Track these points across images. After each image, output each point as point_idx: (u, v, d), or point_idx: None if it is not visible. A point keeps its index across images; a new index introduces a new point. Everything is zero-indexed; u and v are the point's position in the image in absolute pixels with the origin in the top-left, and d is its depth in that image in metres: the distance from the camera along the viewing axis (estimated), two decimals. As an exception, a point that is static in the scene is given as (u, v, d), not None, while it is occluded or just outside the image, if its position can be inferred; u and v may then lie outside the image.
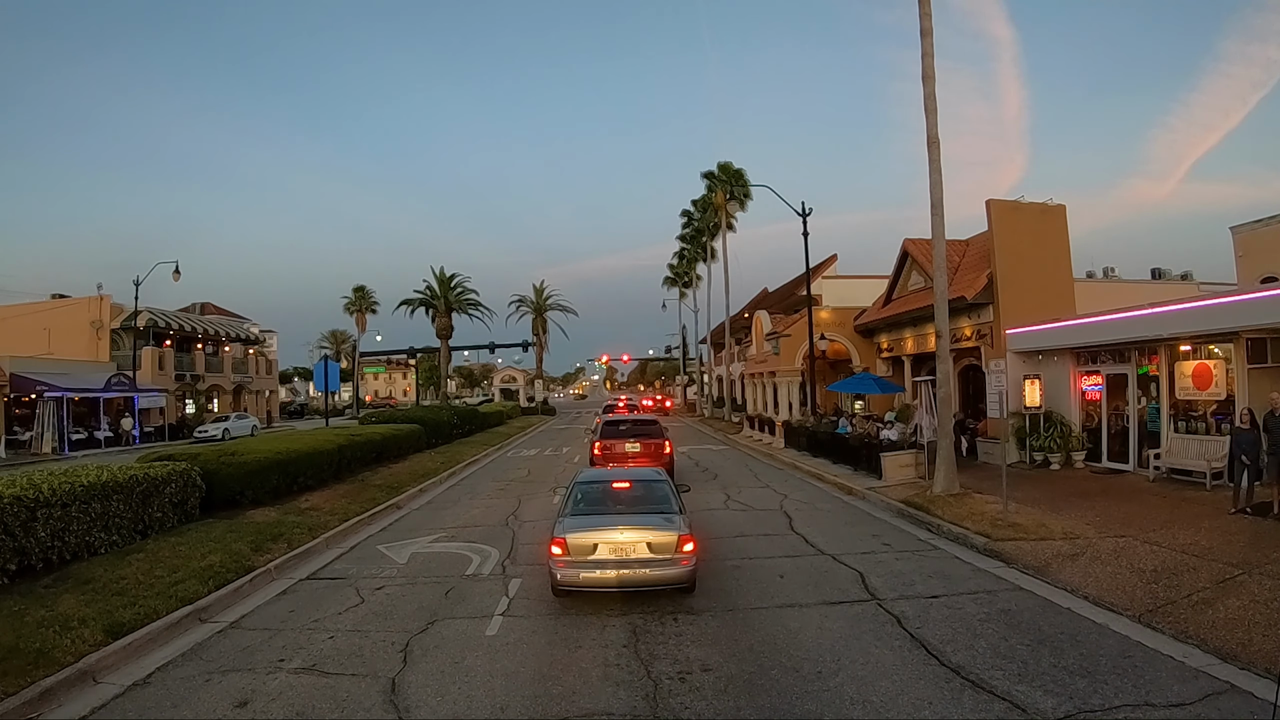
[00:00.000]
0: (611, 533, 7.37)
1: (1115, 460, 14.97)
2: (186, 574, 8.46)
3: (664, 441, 16.13)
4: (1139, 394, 14.59)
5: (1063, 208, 18.14)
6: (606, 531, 7.39)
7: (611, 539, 7.31)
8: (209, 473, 12.22)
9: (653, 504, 8.14)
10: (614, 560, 7.25)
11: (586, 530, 7.43)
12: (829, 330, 24.60)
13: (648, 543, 7.31)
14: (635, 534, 7.36)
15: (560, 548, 7.32)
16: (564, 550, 7.30)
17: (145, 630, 6.84)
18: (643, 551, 7.28)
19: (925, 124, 12.92)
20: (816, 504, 13.32)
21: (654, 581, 7.30)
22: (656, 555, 7.27)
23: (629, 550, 7.28)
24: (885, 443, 15.54)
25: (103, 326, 38.68)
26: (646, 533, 7.38)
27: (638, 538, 7.33)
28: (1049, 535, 9.65)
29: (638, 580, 7.26)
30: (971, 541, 9.71)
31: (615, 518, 7.72)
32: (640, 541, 7.31)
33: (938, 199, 12.65)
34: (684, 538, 7.38)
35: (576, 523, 7.67)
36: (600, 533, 7.37)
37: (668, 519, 7.74)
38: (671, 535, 7.38)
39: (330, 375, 25.59)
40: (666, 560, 7.28)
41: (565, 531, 7.46)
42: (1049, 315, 16.21)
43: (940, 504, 11.63)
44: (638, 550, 7.28)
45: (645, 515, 7.78)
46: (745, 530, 11.05)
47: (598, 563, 7.24)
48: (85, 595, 7.56)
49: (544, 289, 59.71)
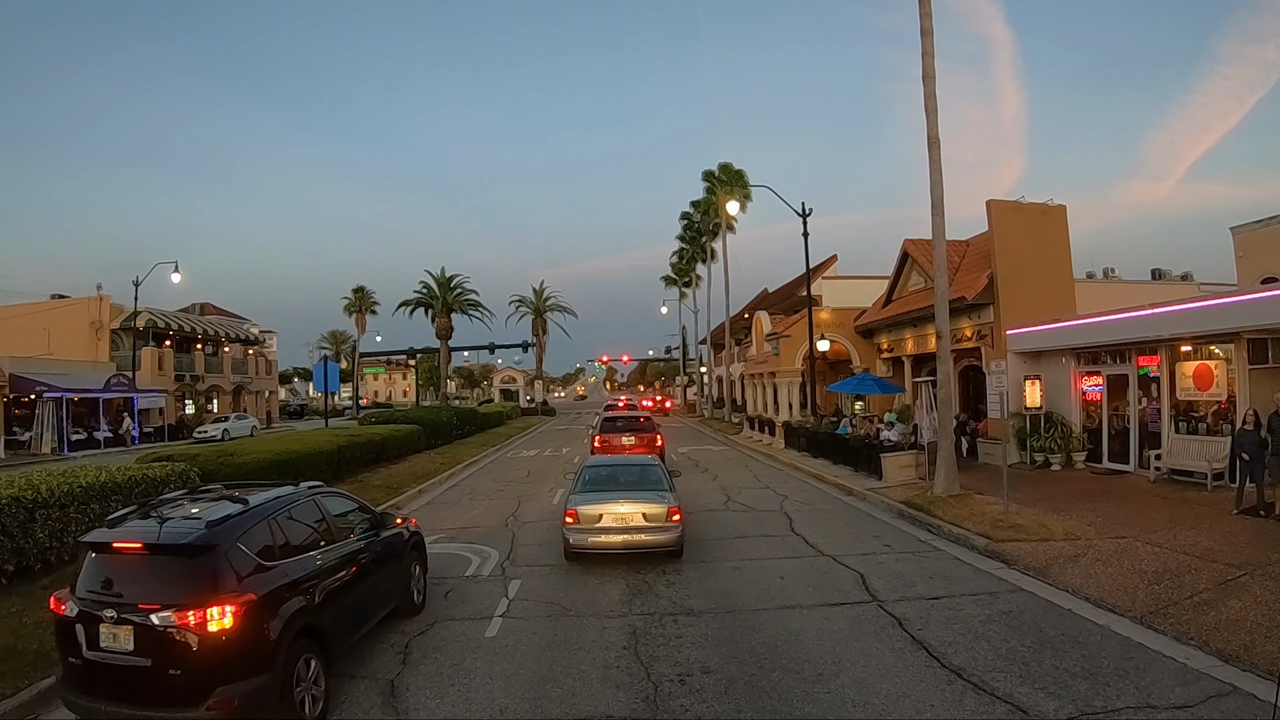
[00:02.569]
0: (614, 505, 8.90)
1: (1116, 461, 14.95)
2: (185, 575, 8.41)
3: (655, 435, 18.18)
4: (1140, 394, 14.56)
5: (1063, 208, 18.12)
6: (610, 504, 8.92)
7: (614, 510, 8.85)
8: (208, 473, 12.20)
9: (648, 483, 9.61)
10: (617, 527, 8.77)
11: (593, 504, 8.94)
12: (829, 331, 24.59)
13: (643, 513, 8.84)
14: (633, 506, 8.90)
15: (572, 517, 8.88)
16: (575, 519, 8.84)
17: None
18: (639, 520, 8.81)
19: (925, 124, 12.89)
20: (817, 505, 13.31)
21: (649, 545, 8.79)
22: (651, 523, 8.80)
23: (628, 519, 8.81)
24: (886, 443, 15.52)
25: (102, 327, 38.63)
26: (642, 505, 8.91)
27: (635, 509, 8.86)
28: (1050, 536, 9.62)
29: (636, 544, 8.77)
30: (972, 543, 9.69)
31: (617, 493, 9.26)
32: (638, 512, 8.85)
33: (938, 199, 12.63)
34: (673, 509, 8.93)
35: (585, 498, 9.16)
36: (605, 505, 8.90)
37: (660, 495, 9.21)
38: (663, 507, 8.90)
39: (330, 376, 25.55)
40: (659, 527, 8.80)
41: (576, 504, 9.00)
42: (1049, 316, 16.19)
43: (941, 505, 11.61)
44: (635, 519, 8.81)
45: (642, 492, 9.27)
46: (746, 531, 11.03)
47: (603, 529, 8.78)
48: (83, 596, 7.54)
49: (543, 290, 59.79)
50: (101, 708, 4.61)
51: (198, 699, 4.45)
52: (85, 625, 4.62)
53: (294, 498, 5.97)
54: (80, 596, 4.72)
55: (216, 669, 4.52)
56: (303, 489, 6.28)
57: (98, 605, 4.62)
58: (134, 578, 4.75)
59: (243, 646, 4.60)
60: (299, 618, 5.07)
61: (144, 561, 4.79)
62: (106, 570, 4.82)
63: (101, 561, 4.86)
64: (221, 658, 4.53)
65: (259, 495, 5.78)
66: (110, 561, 4.85)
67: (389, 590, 6.84)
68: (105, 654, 4.58)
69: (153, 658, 4.48)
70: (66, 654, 4.75)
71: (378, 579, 6.53)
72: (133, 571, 4.79)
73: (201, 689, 4.47)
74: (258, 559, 5.01)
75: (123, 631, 4.53)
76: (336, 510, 6.51)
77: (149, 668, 4.48)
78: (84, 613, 4.63)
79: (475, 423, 33.39)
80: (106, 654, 4.58)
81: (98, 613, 4.59)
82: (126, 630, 4.52)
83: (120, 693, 4.59)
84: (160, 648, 4.48)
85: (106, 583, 4.75)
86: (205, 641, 4.49)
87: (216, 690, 4.48)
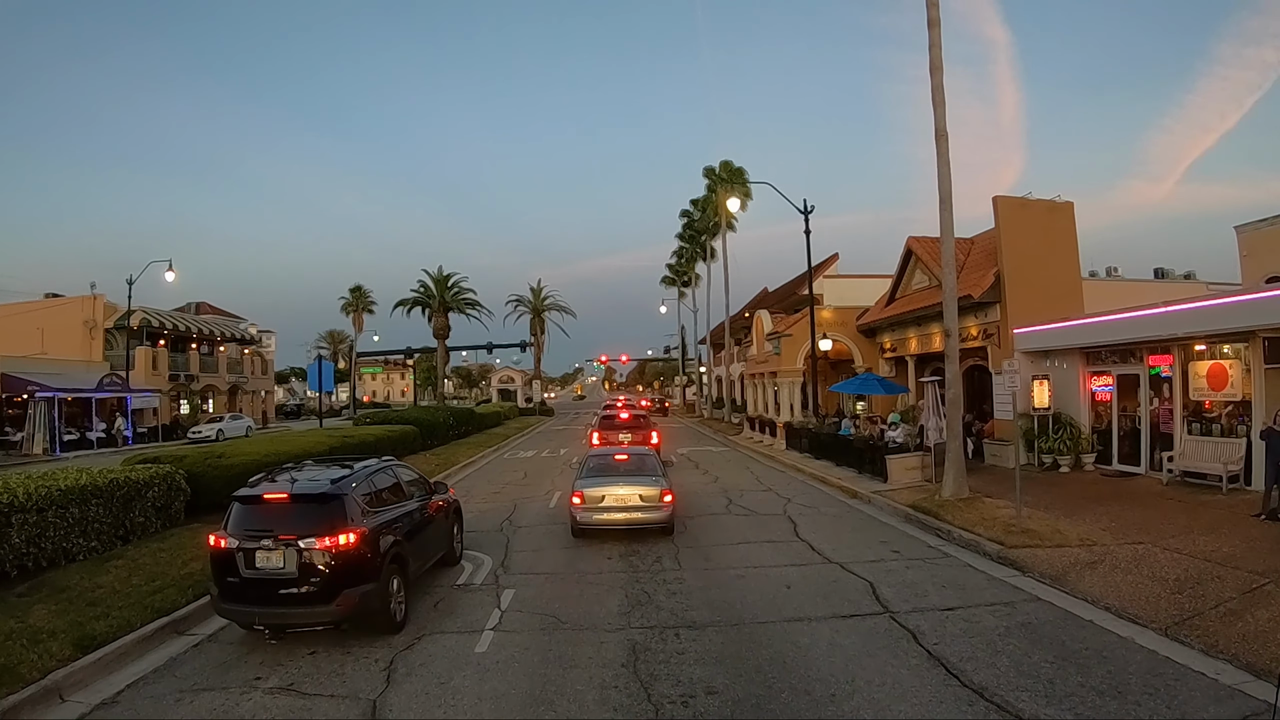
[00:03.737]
0: (615, 488, 10.24)
1: (1126, 462, 14.62)
2: (165, 582, 8.11)
3: (650, 431, 19.39)
4: (1151, 394, 14.24)
5: (1070, 205, 17.79)
6: (611, 487, 10.25)
7: (615, 491, 10.20)
8: (194, 475, 11.90)
9: (644, 469, 10.97)
10: (617, 506, 10.11)
11: (597, 486, 10.28)
12: (831, 330, 24.21)
13: (640, 494, 10.17)
14: (631, 488, 10.22)
15: (579, 498, 10.20)
16: (582, 500, 10.17)
17: (118, 644, 6.48)
18: (637, 500, 10.14)
19: (933, 116, 12.56)
20: (821, 508, 12.95)
21: (645, 522, 10.13)
22: (646, 503, 10.13)
23: (627, 500, 10.15)
24: (890, 445, 15.17)
25: (96, 326, 38.21)
26: (639, 488, 10.23)
27: (633, 490, 10.20)
28: (1064, 542, 9.30)
29: (634, 521, 10.10)
30: (984, 548, 9.36)
31: (617, 478, 10.55)
32: (635, 493, 10.18)
33: (946, 193, 12.30)
34: (664, 491, 10.26)
35: (590, 481, 10.48)
36: (607, 488, 10.24)
37: (655, 479, 10.54)
38: (657, 489, 10.24)
39: (324, 376, 25.23)
40: (653, 507, 10.13)
41: (582, 487, 10.33)
42: (1057, 314, 15.86)
43: (950, 509, 11.27)
44: (633, 500, 10.15)
45: (639, 477, 10.57)
46: (749, 536, 10.68)
47: (606, 508, 10.10)
48: (59, 605, 7.21)
49: (541, 289, 59.33)
50: (256, 611, 6.29)
51: (329, 598, 6.19)
52: (244, 553, 6.30)
53: (378, 466, 7.99)
54: (234, 534, 6.39)
55: (342, 577, 6.27)
56: (382, 460, 8.32)
57: (254, 538, 6.32)
58: (279, 518, 6.48)
59: (358, 562, 6.40)
60: (391, 547, 6.98)
61: (288, 506, 6.60)
62: (255, 515, 6.56)
63: (250, 509, 6.60)
64: (345, 569, 6.29)
65: (356, 464, 7.81)
66: (259, 509, 6.60)
67: (439, 539, 8.87)
68: (261, 571, 6.28)
69: (298, 571, 6.21)
70: (224, 576, 6.37)
71: (432, 530, 8.56)
72: (278, 514, 6.53)
73: (332, 592, 6.20)
74: (364, 505, 6.94)
75: (277, 554, 6.26)
76: (406, 478, 8.53)
77: (295, 578, 6.21)
78: (242, 545, 6.31)
79: (472, 423, 33.00)
80: (262, 571, 6.28)
81: (255, 543, 6.28)
82: (279, 554, 6.26)
83: (272, 599, 6.27)
84: (304, 564, 6.22)
85: (257, 523, 6.46)
86: (335, 558, 6.27)
87: (343, 592, 6.23)
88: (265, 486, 6.95)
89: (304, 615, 6.32)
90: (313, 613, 6.25)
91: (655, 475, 10.70)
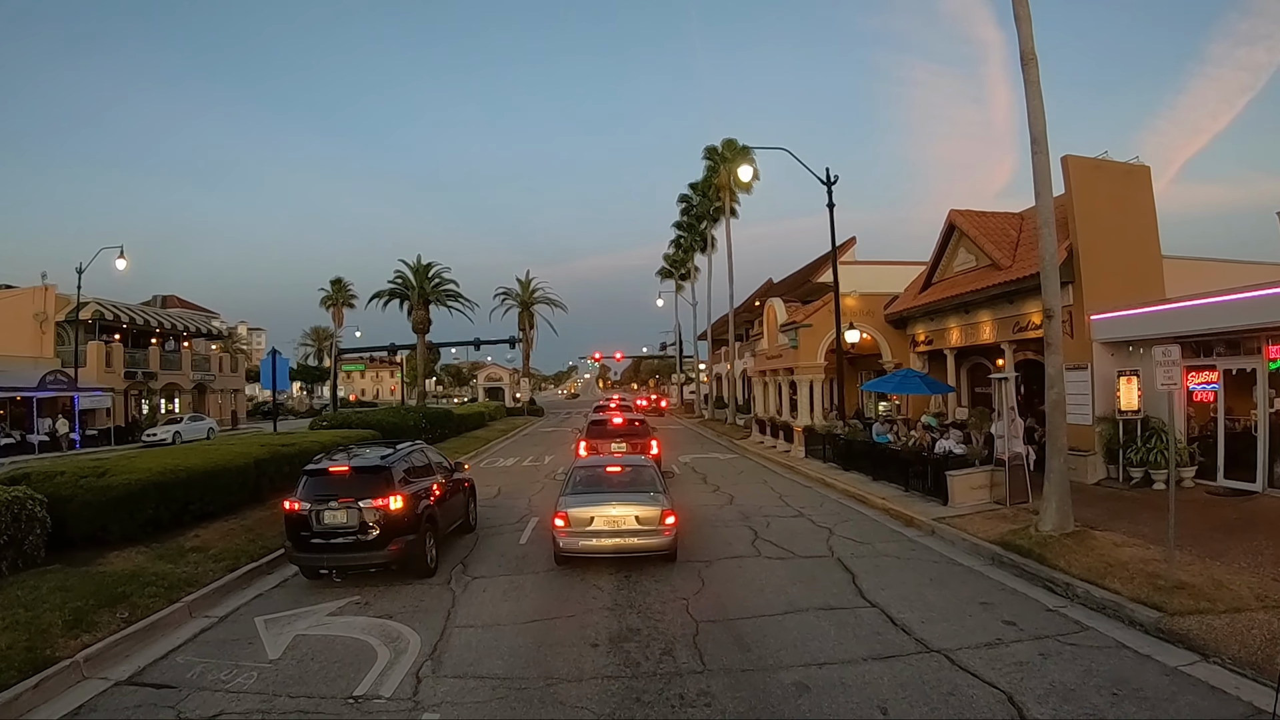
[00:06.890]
0: (606, 508, 8.62)
1: (1236, 477, 11.76)
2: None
3: (649, 440, 15.73)
4: (1272, 394, 11.40)
5: (1148, 169, 14.94)
6: (602, 507, 8.64)
7: (606, 512, 8.58)
8: (60, 500, 9.07)
9: (641, 485, 9.27)
10: (608, 530, 8.51)
11: (585, 506, 8.66)
12: (856, 320, 21.25)
13: (636, 516, 8.56)
14: (626, 509, 8.61)
15: (563, 520, 8.61)
16: (566, 522, 8.59)
17: None
18: (632, 523, 8.53)
19: (1018, 35, 9.68)
20: (876, 544, 9.92)
21: (642, 549, 8.51)
22: (644, 526, 8.50)
23: (620, 522, 8.53)
24: (950, 457, 12.21)
25: (47, 319, 35.03)
26: (635, 508, 8.62)
27: (628, 511, 8.59)
28: (1240, 603, 6.54)
29: (628, 547, 8.49)
30: (1132, 614, 6.52)
31: (609, 495, 8.92)
32: (630, 515, 8.57)
33: (1039, 132, 9.39)
34: (666, 511, 8.62)
35: (576, 500, 8.86)
36: (596, 508, 8.61)
37: (654, 497, 8.89)
38: (656, 510, 8.61)
39: (279, 373, 22.15)
40: (652, 531, 8.50)
41: (566, 507, 8.72)
42: (1136, 297, 13.02)
43: (1056, 549, 8.37)
44: (628, 522, 8.53)
45: (635, 494, 8.97)
46: (796, 599, 7.53)
47: (594, 532, 8.52)
48: None
49: (530, 281, 56.10)
50: (325, 558, 8.30)
51: (383, 545, 8.25)
52: (315, 513, 8.30)
53: (411, 447, 10.19)
54: (305, 499, 8.37)
55: (392, 528, 8.33)
56: (413, 443, 10.67)
57: (321, 501, 8.36)
58: (341, 486, 8.50)
59: (404, 518, 8.50)
60: (425, 509, 9.08)
61: (348, 476, 8.61)
62: (321, 484, 8.57)
63: (318, 480, 8.61)
64: (394, 523, 8.37)
65: (398, 445, 10.20)
66: (324, 479, 8.61)
67: (459, 509, 10.90)
68: (328, 527, 8.31)
69: (358, 525, 8.28)
70: (298, 531, 8.36)
71: (454, 501, 10.60)
72: (340, 482, 8.55)
73: (385, 540, 8.26)
74: (406, 475, 9.05)
75: (342, 513, 8.31)
76: (434, 459, 10.66)
77: (356, 530, 8.28)
78: (313, 507, 8.33)
79: (449, 426, 29.83)
80: (329, 527, 8.31)
81: (323, 505, 8.33)
82: (343, 513, 8.32)
83: (336, 549, 8.29)
84: (363, 520, 8.30)
85: (322, 490, 8.48)
86: (387, 515, 8.34)
87: (394, 539, 8.29)
88: (328, 462, 8.99)
89: (363, 558, 8.25)
90: (370, 556, 8.23)
91: (655, 492, 9.08)
